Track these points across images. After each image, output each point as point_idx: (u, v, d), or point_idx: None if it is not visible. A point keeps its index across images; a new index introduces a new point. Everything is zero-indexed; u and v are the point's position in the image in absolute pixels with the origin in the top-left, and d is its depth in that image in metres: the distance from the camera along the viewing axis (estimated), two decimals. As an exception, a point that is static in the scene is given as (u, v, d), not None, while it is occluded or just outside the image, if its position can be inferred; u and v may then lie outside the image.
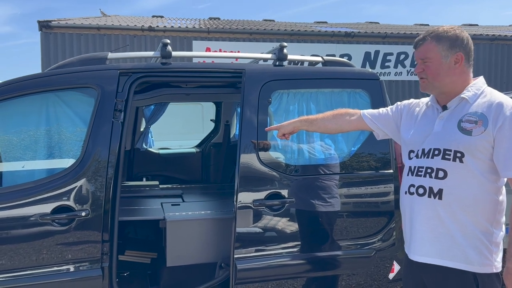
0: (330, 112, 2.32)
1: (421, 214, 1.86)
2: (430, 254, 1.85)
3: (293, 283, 2.81)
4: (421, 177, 1.87)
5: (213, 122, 5.28)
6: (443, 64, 1.85)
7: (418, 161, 1.90)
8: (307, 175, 2.84)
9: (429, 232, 1.85)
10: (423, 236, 1.87)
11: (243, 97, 2.77)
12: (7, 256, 2.41)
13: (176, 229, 3.02)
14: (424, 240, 1.86)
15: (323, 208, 2.82)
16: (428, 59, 1.87)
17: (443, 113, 1.90)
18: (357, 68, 3.22)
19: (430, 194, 1.83)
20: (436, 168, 1.82)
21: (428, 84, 1.91)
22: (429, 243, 1.85)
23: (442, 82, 1.87)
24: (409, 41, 15.66)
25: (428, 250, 1.86)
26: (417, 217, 1.88)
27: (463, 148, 1.78)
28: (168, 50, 2.78)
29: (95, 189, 2.54)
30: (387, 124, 2.20)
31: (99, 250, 2.54)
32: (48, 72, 2.72)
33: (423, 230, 1.86)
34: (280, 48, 2.97)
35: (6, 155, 2.65)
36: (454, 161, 1.79)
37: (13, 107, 2.61)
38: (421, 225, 1.87)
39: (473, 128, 1.78)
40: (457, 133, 1.81)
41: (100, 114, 2.59)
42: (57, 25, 13.33)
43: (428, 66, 1.87)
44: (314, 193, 2.81)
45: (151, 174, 4.84)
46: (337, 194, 2.85)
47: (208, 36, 14.43)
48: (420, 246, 1.88)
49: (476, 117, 1.79)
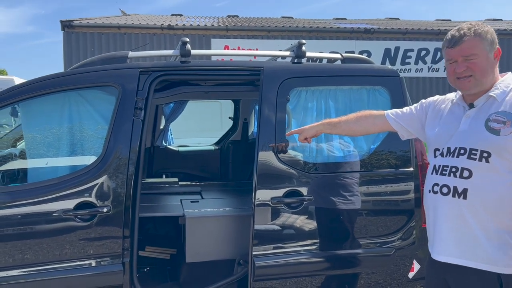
0: (353, 115, 2.30)
1: (444, 213, 1.83)
2: (453, 254, 1.82)
3: (311, 281, 2.81)
4: (445, 176, 1.83)
5: (232, 120, 5.30)
6: (489, 60, 1.81)
7: (443, 160, 1.87)
8: (325, 172, 2.83)
9: (452, 232, 1.82)
10: (446, 236, 1.84)
11: (261, 95, 2.77)
12: (32, 251, 2.47)
13: (195, 225, 3.04)
14: (447, 240, 1.84)
15: (341, 206, 2.81)
16: (474, 55, 1.79)
17: (470, 111, 1.85)
18: (376, 65, 3.19)
19: (455, 193, 1.79)
20: (461, 168, 1.78)
21: (476, 82, 1.82)
22: (452, 243, 1.82)
23: (488, 78, 1.81)
24: (430, 37, 15.41)
25: (451, 250, 1.83)
26: (440, 216, 1.85)
27: (490, 148, 1.73)
28: (187, 48, 2.80)
29: (116, 185, 2.58)
30: (411, 123, 2.16)
31: (120, 246, 2.58)
32: (70, 71, 2.78)
33: (447, 229, 1.83)
34: (299, 45, 2.96)
35: (30, 152, 2.72)
36: (480, 161, 1.75)
37: (37, 105, 2.67)
38: (444, 224, 1.84)
39: (501, 128, 1.73)
40: (484, 133, 1.76)
41: (121, 112, 2.63)
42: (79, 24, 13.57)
43: (475, 63, 1.80)
44: (333, 191, 2.80)
45: (170, 171, 4.89)
46: (356, 192, 2.84)
47: (226, 34, 14.47)
48: (444, 246, 1.85)
49: (505, 117, 1.74)
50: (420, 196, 2.89)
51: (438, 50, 15.43)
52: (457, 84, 1.87)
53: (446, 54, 1.88)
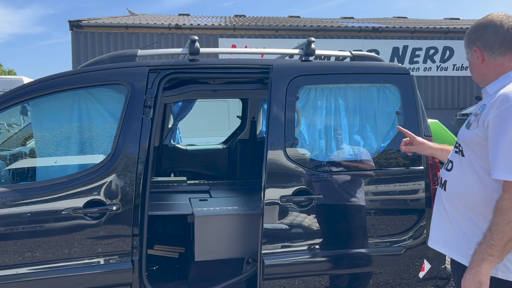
0: None
1: (435, 204, 1.93)
2: (438, 242, 1.89)
3: (320, 280, 2.79)
4: (444, 169, 1.92)
5: (240, 118, 5.30)
6: (470, 61, 1.86)
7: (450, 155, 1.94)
8: (335, 171, 2.81)
9: (438, 221, 1.90)
10: (434, 224, 1.93)
11: (270, 93, 2.76)
12: (41, 249, 2.48)
13: (204, 224, 3.04)
14: (435, 228, 1.92)
15: (351, 205, 2.79)
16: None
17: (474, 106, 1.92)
18: (386, 62, 3.16)
19: (441, 185, 1.89)
20: (449, 160, 1.87)
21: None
22: (437, 232, 1.90)
23: (478, 78, 1.86)
24: (438, 35, 15.30)
25: (436, 238, 1.90)
26: (435, 207, 1.95)
27: (462, 141, 1.78)
28: (196, 46, 2.79)
29: (125, 184, 2.58)
30: None
31: (129, 244, 2.58)
32: (79, 69, 2.78)
33: (435, 219, 1.93)
34: (308, 43, 2.94)
35: (40, 150, 2.72)
36: (458, 154, 1.81)
37: (47, 104, 2.68)
38: (434, 214, 1.94)
39: (473, 122, 1.74)
40: (464, 127, 1.81)
41: (130, 110, 2.63)
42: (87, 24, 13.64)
43: None
44: (342, 190, 2.78)
45: (178, 170, 4.90)
46: (366, 191, 2.81)
47: (234, 33, 14.48)
48: (433, 234, 1.93)
49: (480, 110, 1.72)
50: (431, 195, 2.87)
51: (446, 48, 15.32)
52: None
53: None
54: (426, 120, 2.98)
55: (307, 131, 2.82)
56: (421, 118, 2.91)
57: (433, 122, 7.39)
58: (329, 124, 2.85)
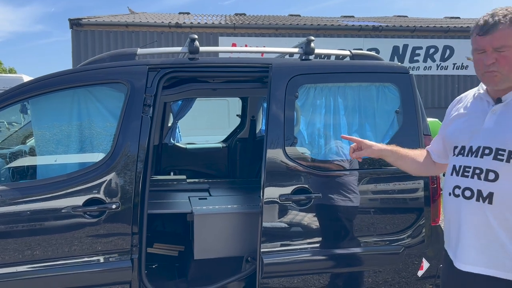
0: (418, 153, 2.12)
1: (468, 219, 1.66)
2: (478, 263, 1.66)
3: (319, 278, 2.80)
4: (467, 178, 1.66)
5: (239, 117, 5.30)
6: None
7: (465, 160, 1.70)
8: (334, 170, 2.82)
9: (477, 239, 1.65)
10: (470, 243, 1.68)
11: (270, 92, 2.76)
12: (41, 247, 2.49)
13: (203, 222, 3.05)
14: (472, 247, 1.67)
15: (350, 204, 2.79)
16: (506, 48, 1.58)
17: (496, 106, 1.67)
18: (386, 61, 3.16)
19: (479, 197, 1.62)
20: (486, 169, 1.61)
21: (502, 78, 1.63)
22: (477, 251, 1.66)
23: (503, 78, 1.62)
24: (438, 34, 15.30)
25: (476, 259, 1.67)
26: (464, 222, 1.68)
27: None
28: (195, 45, 2.79)
29: (125, 182, 2.59)
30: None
31: (128, 242, 2.59)
32: (79, 68, 2.78)
33: (470, 236, 1.67)
34: (307, 42, 2.94)
35: (39, 149, 2.73)
36: (508, 162, 1.57)
37: (46, 102, 2.68)
38: (468, 231, 1.67)
39: None
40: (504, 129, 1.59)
41: (129, 109, 2.64)
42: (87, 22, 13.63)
43: (505, 57, 1.59)
44: (341, 189, 2.78)
45: (178, 168, 4.91)
46: (365, 190, 2.82)
47: (234, 32, 14.48)
48: (468, 254, 1.69)
49: None
50: (430, 194, 2.87)
51: (447, 47, 15.32)
52: (483, 78, 1.69)
53: (475, 42, 1.67)
54: (425, 119, 2.99)
55: (306, 130, 2.82)
56: (420, 117, 2.92)
57: (433, 121, 7.40)
58: (329, 123, 2.86)
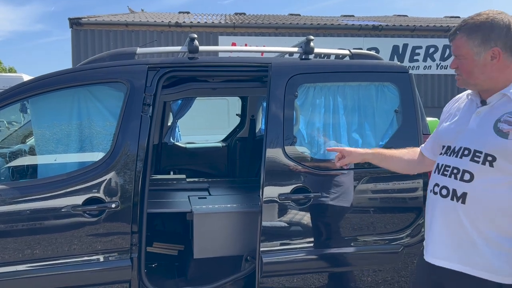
0: (405, 152, 2.16)
1: (442, 216, 1.71)
2: (451, 259, 1.70)
3: (319, 277, 2.81)
4: (446, 177, 1.71)
5: (239, 116, 5.30)
6: (476, 62, 1.64)
7: (446, 159, 1.75)
8: (333, 169, 2.82)
9: (449, 236, 1.70)
10: (443, 239, 1.72)
11: (269, 91, 2.76)
12: (40, 246, 2.49)
13: (203, 221, 3.05)
14: (444, 244, 1.72)
15: (349, 203, 2.80)
16: (461, 56, 1.68)
17: (481, 108, 1.70)
18: (385, 61, 3.17)
19: (453, 196, 1.67)
20: (463, 170, 1.66)
21: (463, 81, 1.72)
22: (449, 248, 1.70)
23: (477, 80, 1.67)
24: (438, 34, 15.30)
25: (448, 255, 1.71)
26: (437, 219, 1.73)
27: (496, 152, 1.59)
28: (195, 44, 2.80)
29: (125, 182, 2.59)
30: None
31: (128, 241, 2.59)
32: (79, 67, 2.78)
33: (443, 233, 1.71)
34: (307, 41, 2.95)
35: (39, 148, 2.73)
36: (483, 165, 1.60)
37: (46, 101, 2.68)
38: (440, 228, 1.72)
39: (511, 131, 1.57)
40: (491, 134, 1.61)
41: (129, 108, 2.64)
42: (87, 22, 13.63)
43: (462, 63, 1.68)
44: (341, 188, 2.79)
45: (178, 167, 4.91)
46: (364, 189, 2.82)
47: (234, 31, 14.47)
48: (440, 249, 1.73)
49: None
50: (429, 193, 2.87)
51: (447, 47, 15.31)
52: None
53: None
54: (425, 119, 2.99)
55: (305, 129, 2.82)
56: (420, 116, 2.92)
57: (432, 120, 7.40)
58: (328, 122, 2.86)
